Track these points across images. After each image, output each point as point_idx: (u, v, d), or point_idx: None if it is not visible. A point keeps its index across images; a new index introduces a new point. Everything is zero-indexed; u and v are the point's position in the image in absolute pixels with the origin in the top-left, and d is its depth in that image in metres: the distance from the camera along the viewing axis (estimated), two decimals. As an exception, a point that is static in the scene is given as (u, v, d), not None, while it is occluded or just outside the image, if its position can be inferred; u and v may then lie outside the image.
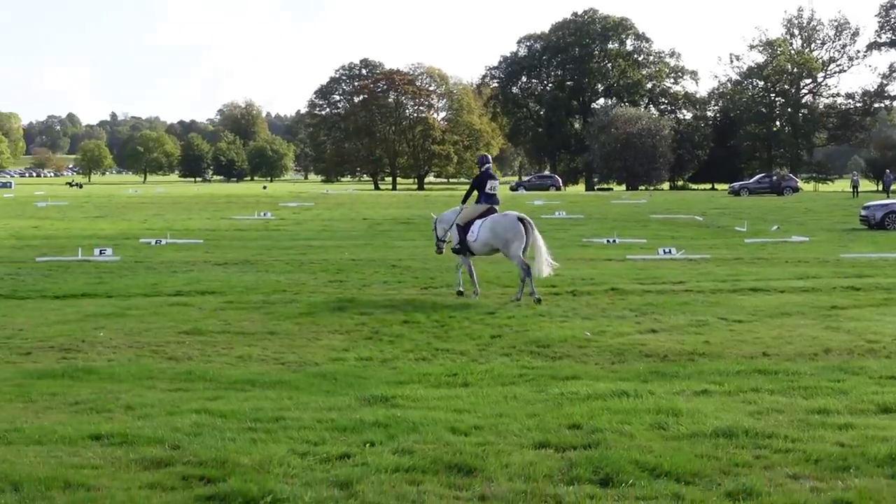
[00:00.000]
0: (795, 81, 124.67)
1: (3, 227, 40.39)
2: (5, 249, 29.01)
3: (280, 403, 9.52)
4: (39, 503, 6.55)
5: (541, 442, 7.99)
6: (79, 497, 6.62)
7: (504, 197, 72.94)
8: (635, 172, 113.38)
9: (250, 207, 55.81)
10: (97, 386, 10.45)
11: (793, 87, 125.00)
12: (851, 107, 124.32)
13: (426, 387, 10.38)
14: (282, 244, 31.31)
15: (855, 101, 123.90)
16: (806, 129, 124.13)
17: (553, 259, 18.33)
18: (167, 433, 8.21)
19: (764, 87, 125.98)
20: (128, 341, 13.49)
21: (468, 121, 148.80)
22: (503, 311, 16.13)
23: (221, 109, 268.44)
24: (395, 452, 7.66)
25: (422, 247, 29.88)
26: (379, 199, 72.48)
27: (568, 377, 10.88)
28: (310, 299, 17.77)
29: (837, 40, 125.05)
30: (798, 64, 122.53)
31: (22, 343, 13.31)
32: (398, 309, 16.46)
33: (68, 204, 61.62)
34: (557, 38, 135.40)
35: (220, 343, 13.42)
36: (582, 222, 43.39)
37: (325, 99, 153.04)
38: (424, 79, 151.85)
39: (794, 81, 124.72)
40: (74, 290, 19.08)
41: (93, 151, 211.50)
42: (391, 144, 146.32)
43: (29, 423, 8.70)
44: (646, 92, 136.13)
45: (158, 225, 41.75)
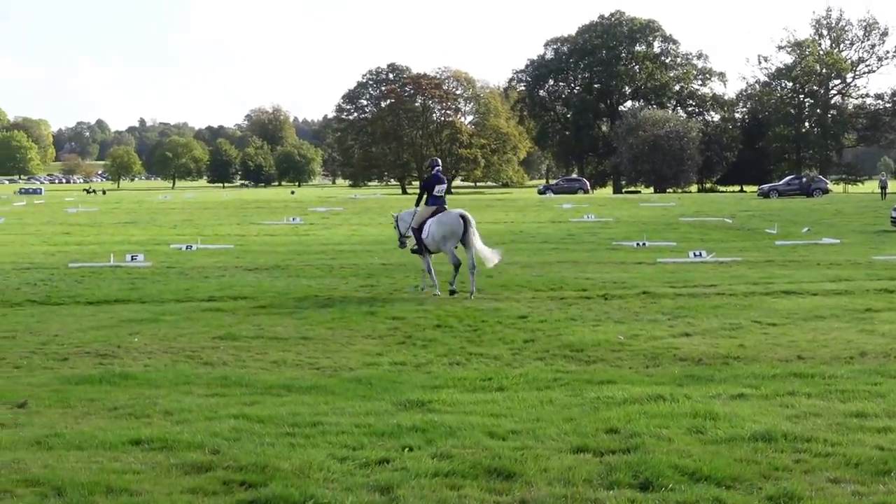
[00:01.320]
0: (824, 82, 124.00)
1: (34, 234, 40.68)
2: (38, 256, 29.18)
3: (317, 408, 9.56)
4: (83, 508, 6.60)
5: (579, 446, 7.98)
6: (122, 502, 6.66)
7: (532, 200, 73.13)
8: (663, 175, 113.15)
9: (279, 213, 55.98)
10: (135, 391, 10.51)
11: (821, 88, 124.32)
12: (881, 107, 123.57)
13: (461, 391, 10.39)
14: (312, 249, 31.37)
15: (884, 101, 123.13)
16: (835, 130, 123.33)
17: (492, 251, 19.81)
18: (206, 438, 8.25)
19: (792, 88, 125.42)
20: (163, 347, 13.56)
21: (495, 124, 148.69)
22: (535, 315, 16.12)
23: (249, 115, 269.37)
24: (434, 457, 7.67)
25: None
26: (407, 203, 72.55)
27: (603, 381, 10.86)
28: (341, 304, 17.80)
29: (866, 40, 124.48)
30: (827, 64, 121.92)
31: (58, 349, 13.40)
32: (430, 313, 16.47)
33: (98, 210, 61.96)
34: (584, 40, 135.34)
35: (254, 348, 13.48)
36: (611, 225, 43.32)
37: (353, 103, 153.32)
38: (451, 83, 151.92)
39: (823, 82, 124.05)
40: (108, 296, 19.19)
41: (122, 157, 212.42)
42: (418, 148, 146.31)
43: (69, 429, 8.76)
44: (673, 94, 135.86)
45: (188, 231, 41.92)
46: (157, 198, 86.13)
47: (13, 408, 9.70)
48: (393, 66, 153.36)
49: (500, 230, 40.41)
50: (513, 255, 27.59)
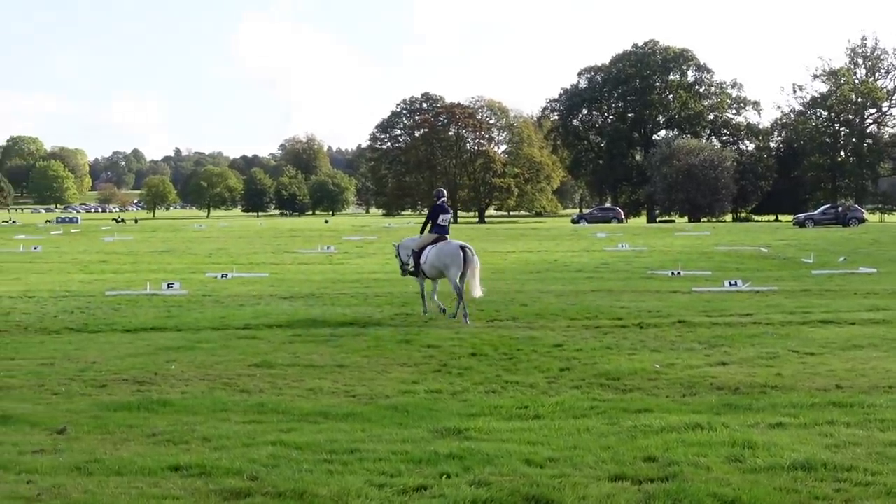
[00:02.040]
0: (860, 111, 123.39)
1: (71, 262, 41.00)
2: (75, 284, 29.41)
3: (354, 435, 9.58)
4: (124, 533, 6.64)
5: (617, 474, 7.96)
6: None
7: (565, 229, 73.07)
8: (697, 204, 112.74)
9: (313, 241, 56.18)
10: (173, 418, 10.57)
11: (857, 117, 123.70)
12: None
13: (498, 419, 10.38)
14: (346, 277, 31.47)
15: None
16: (871, 159, 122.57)
17: (480, 288, 20.46)
18: (245, 464, 8.29)
19: (828, 117, 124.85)
20: (200, 374, 13.62)
21: (529, 153, 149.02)
22: (571, 344, 16.09)
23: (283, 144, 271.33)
24: (472, 484, 7.67)
25: (486, 280, 29.87)
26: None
27: (640, 410, 10.83)
28: (376, 332, 17.83)
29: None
30: (862, 93, 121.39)
31: (96, 375, 13.48)
32: (465, 342, 16.47)
33: (135, 239, 62.39)
34: (618, 69, 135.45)
35: (290, 376, 13.51)
36: (645, 254, 43.18)
37: (387, 133, 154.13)
38: (485, 112, 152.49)
39: (859, 111, 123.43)
40: (144, 324, 19.31)
41: (157, 187, 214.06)
42: (452, 178, 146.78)
43: (108, 455, 8.82)
44: (707, 123, 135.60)
45: (224, 259, 42.16)
46: (193, 227, 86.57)
47: (53, 434, 9.78)
48: (427, 95, 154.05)
49: (533, 259, 40.39)
50: (547, 285, 27.60)
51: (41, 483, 7.87)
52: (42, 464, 8.48)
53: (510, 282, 28.86)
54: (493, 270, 33.97)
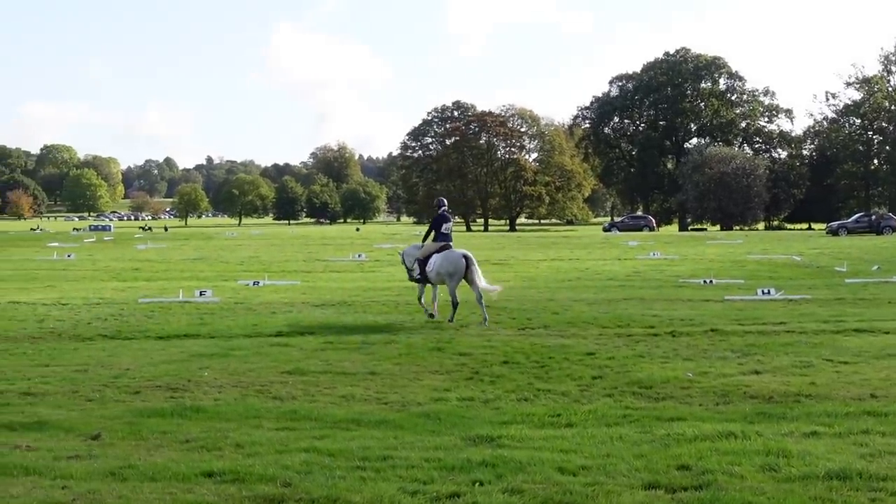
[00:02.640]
0: (893, 119, 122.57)
1: (105, 270, 41.24)
2: (108, 291, 29.56)
3: (386, 442, 9.59)
4: (158, 539, 6.68)
5: (650, 483, 7.94)
6: (196, 533, 6.73)
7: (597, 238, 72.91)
8: (729, 212, 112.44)
9: (345, 249, 56.33)
10: (206, 424, 10.61)
11: (891, 125, 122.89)
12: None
13: (530, 427, 10.37)
14: (378, 285, 31.49)
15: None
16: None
17: (491, 285, 21.52)
18: (278, 471, 8.32)
19: (861, 124, 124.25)
20: (232, 381, 13.66)
21: (560, 161, 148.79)
22: (603, 352, 16.04)
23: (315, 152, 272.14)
24: (505, 492, 7.67)
25: (517, 287, 29.86)
26: (471, 240, 72.63)
27: (673, 418, 10.78)
28: (408, 340, 17.83)
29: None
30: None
31: (130, 382, 13.54)
32: (497, 349, 16.44)
33: (167, 247, 62.69)
34: (649, 77, 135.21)
35: (322, 383, 13.53)
36: (677, 263, 43.01)
37: (418, 141, 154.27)
38: (516, 120, 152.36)
39: (892, 119, 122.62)
40: (177, 331, 19.39)
41: (189, 195, 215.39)
42: (483, 186, 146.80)
43: (142, 461, 8.87)
44: (740, 131, 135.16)
45: (255, 267, 42.28)
46: (225, 234, 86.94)
47: (87, 440, 9.84)
48: (458, 103, 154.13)
49: (565, 267, 40.34)
50: (579, 293, 27.53)
51: (76, 488, 7.93)
52: (77, 469, 8.54)
53: (542, 290, 28.83)
54: (524, 279, 33.96)
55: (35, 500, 7.65)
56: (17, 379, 13.84)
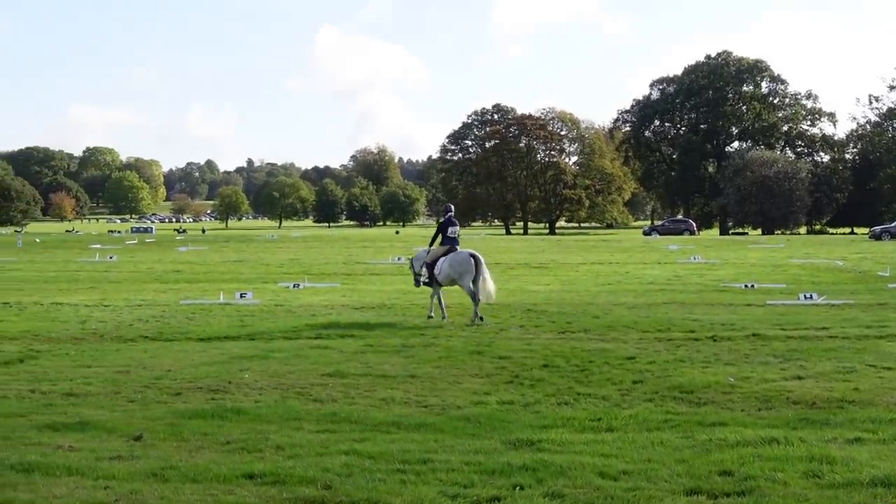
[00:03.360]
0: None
1: (146, 271, 41.52)
2: (150, 293, 29.76)
3: (426, 446, 9.59)
4: (200, 540, 6.70)
5: (692, 488, 7.89)
6: (237, 535, 6.75)
7: (637, 241, 72.61)
8: (771, 216, 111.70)
9: (384, 252, 56.43)
10: (247, 426, 10.64)
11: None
12: None
13: (571, 431, 10.33)
14: (416, 288, 31.47)
15: None
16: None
17: (494, 288, 22.12)
18: (318, 473, 8.34)
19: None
20: (272, 383, 13.70)
21: (600, 165, 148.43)
22: (643, 356, 15.96)
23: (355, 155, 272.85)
24: (546, 496, 7.65)
25: (557, 291, 29.81)
26: (511, 243, 72.60)
27: (714, 423, 10.71)
28: (448, 343, 17.82)
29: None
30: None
31: (171, 383, 13.62)
32: (537, 353, 16.40)
33: (208, 249, 63.02)
34: (690, 80, 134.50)
35: (362, 385, 13.54)
36: (718, 267, 42.78)
37: (458, 144, 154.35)
38: (556, 123, 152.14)
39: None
40: (218, 333, 19.48)
41: (230, 197, 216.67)
42: (522, 189, 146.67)
43: (183, 462, 8.91)
44: (781, 135, 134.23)
45: (295, 269, 42.42)
46: (266, 237, 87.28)
47: (129, 440, 9.90)
48: (498, 106, 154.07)
49: (605, 271, 40.21)
50: (619, 297, 27.44)
51: (118, 489, 7.98)
52: (119, 470, 8.59)
53: (582, 294, 28.74)
54: (564, 282, 33.88)
55: (78, 500, 7.70)
56: (60, 380, 13.95)
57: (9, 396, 12.70)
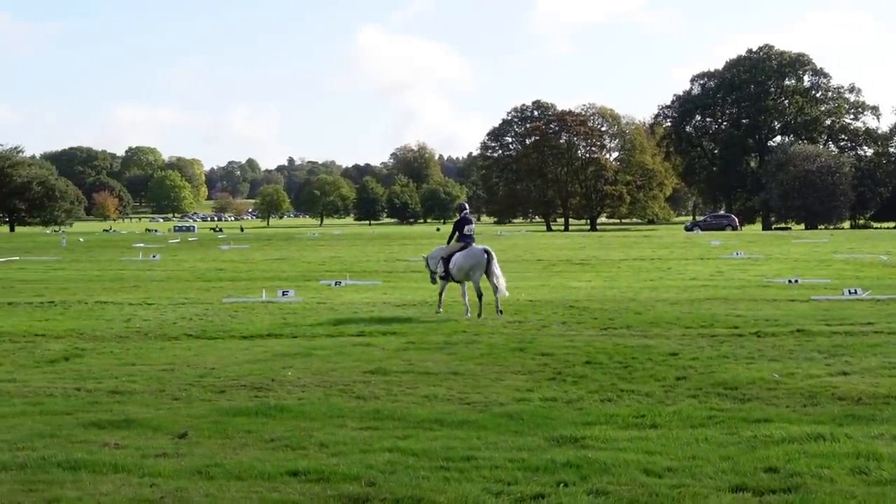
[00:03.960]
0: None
1: (189, 270, 41.73)
2: (193, 291, 29.92)
3: (469, 443, 9.58)
4: (245, 537, 6.73)
5: (737, 485, 7.85)
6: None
7: (679, 237, 72.21)
8: (814, 211, 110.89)
9: (425, 249, 56.38)
10: (290, 423, 10.67)
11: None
12: None
13: (614, 428, 10.29)
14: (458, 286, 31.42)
15: None
16: None
17: (504, 283, 22.58)
18: (362, 470, 8.36)
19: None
20: (316, 380, 13.74)
21: (641, 160, 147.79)
22: (686, 353, 15.88)
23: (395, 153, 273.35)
24: (590, 493, 7.63)
25: (599, 287, 29.71)
26: (552, 240, 72.45)
27: (759, 420, 10.64)
28: (490, 340, 17.80)
29: None
30: None
31: (215, 381, 13.69)
32: (579, 349, 16.35)
33: (250, 247, 63.31)
34: (732, 75, 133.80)
35: (404, 383, 13.55)
36: (761, 262, 42.48)
37: (498, 141, 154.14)
38: (596, 119, 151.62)
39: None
40: (260, 331, 19.55)
41: (271, 196, 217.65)
42: (563, 185, 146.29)
43: (228, 459, 8.95)
44: (824, 129, 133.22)
45: (337, 267, 42.50)
46: (308, 235, 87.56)
47: (174, 438, 9.96)
48: (538, 103, 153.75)
49: (647, 267, 40.04)
50: (661, 293, 27.32)
51: (164, 486, 8.04)
52: (164, 467, 8.65)
53: (623, 290, 28.63)
54: (605, 279, 33.76)
55: (124, 497, 7.75)
56: (105, 378, 14.05)
57: (55, 394, 12.81)
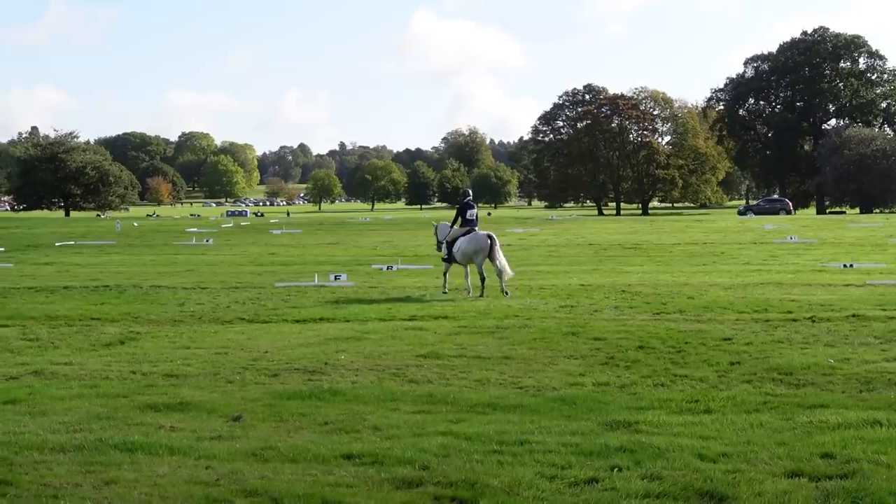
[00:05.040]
0: None
1: (242, 254, 42.03)
2: (246, 275, 30.11)
3: (522, 427, 9.58)
4: (300, 519, 6.78)
5: (793, 471, 7.80)
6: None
7: (732, 221, 71.70)
8: (870, 195, 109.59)
9: (477, 233, 56.32)
10: (344, 407, 10.73)
11: None
12: None
13: (668, 413, 10.25)
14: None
15: None
16: None
17: (506, 264, 23.73)
18: (416, 454, 8.39)
19: None
20: (368, 364, 13.80)
21: (693, 144, 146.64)
22: (740, 338, 15.78)
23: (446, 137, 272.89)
24: (644, 478, 7.61)
25: (651, 272, 29.57)
26: (604, 224, 72.20)
27: (815, 405, 10.55)
28: (542, 324, 17.78)
29: None
30: None
31: (269, 365, 13.78)
32: (632, 334, 16.30)
33: (302, 232, 63.58)
34: (786, 58, 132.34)
35: (457, 367, 13.58)
36: (816, 247, 42.09)
37: (549, 125, 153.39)
38: (648, 103, 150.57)
39: None
40: (313, 315, 19.64)
41: (323, 180, 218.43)
42: (615, 169, 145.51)
43: (282, 442, 9.02)
44: (880, 111, 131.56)
45: (388, 251, 42.59)
46: (358, 219, 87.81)
47: (229, 421, 10.04)
48: (589, 87, 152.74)
49: (699, 251, 39.79)
50: (714, 277, 27.16)
51: (219, 468, 8.11)
52: (219, 450, 8.73)
53: (676, 274, 28.49)
54: (658, 263, 33.60)
55: (180, 479, 7.83)
56: (160, 361, 14.20)
57: (111, 377, 12.97)
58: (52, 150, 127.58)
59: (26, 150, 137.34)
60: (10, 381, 12.75)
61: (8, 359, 14.66)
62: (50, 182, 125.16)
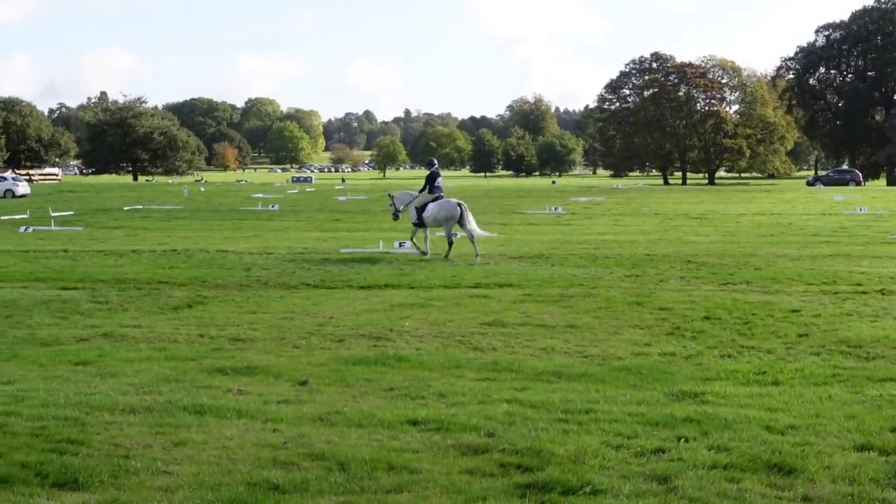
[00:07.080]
0: None
1: (307, 220, 42.26)
2: (311, 241, 30.27)
3: (588, 396, 9.57)
4: (366, 482, 6.82)
5: (862, 444, 7.71)
6: (403, 479, 6.87)
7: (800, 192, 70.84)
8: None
9: (541, 202, 56.24)
10: (409, 373, 10.78)
11: None
12: None
13: (735, 384, 10.19)
14: (574, 238, 31.33)
15: None
16: None
17: (481, 229, 26.44)
18: (481, 421, 8.40)
19: None
20: (433, 331, 13.83)
21: (761, 114, 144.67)
22: (808, 310, 15.61)
23: (511, 105, 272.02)
24: (711, 449, 7.57)
25: (718, 242, 29.31)
26: (670, 194, 71.68)
27: (885, 379, 10.43)
28: (607, 294, 17.72)
29: None
30: None
31: (334, 330, 13.87)
32: (698, 304, 16.20)
33: (367, 198, 63.77)
34: (858, 26, 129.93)
35: (522, 335, 13.57)
36: (886, 218, 41.45)
37: (615, 93, 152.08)
38: (717, 71, 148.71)
39: None
40: (378, 281, 19.72)
41: (388, 147, 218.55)
42: (681, 139, 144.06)
43: (348, 407, 9.08)
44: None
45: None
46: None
47: (295, 385, 10.13)
48: (656, 54, 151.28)
49: (766, 222, 39.36)
50: (782, 248, 26.88)
51: (286, 432, 8.17)
52: (286, 413, 8.80)
53: (743, 245, 28.23)
54: (724, 233, 33.30)
55: (248, 441, 7.91)
56: (227, 325, 14.35)
57: (179, 340, 13.13)
58: (120, 115, 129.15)
59: (95, 114, 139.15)
60: (80, 343, 12.96)
61: (78, 321, 14.89)
62: (118, 147, 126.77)
